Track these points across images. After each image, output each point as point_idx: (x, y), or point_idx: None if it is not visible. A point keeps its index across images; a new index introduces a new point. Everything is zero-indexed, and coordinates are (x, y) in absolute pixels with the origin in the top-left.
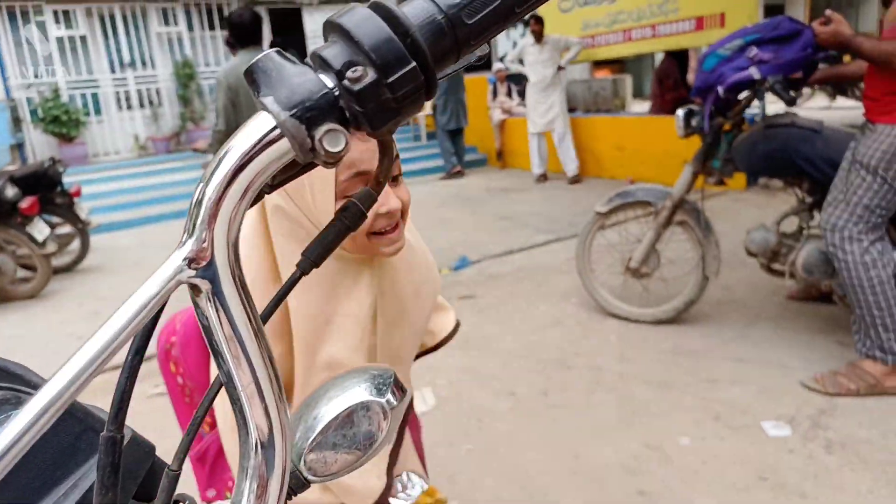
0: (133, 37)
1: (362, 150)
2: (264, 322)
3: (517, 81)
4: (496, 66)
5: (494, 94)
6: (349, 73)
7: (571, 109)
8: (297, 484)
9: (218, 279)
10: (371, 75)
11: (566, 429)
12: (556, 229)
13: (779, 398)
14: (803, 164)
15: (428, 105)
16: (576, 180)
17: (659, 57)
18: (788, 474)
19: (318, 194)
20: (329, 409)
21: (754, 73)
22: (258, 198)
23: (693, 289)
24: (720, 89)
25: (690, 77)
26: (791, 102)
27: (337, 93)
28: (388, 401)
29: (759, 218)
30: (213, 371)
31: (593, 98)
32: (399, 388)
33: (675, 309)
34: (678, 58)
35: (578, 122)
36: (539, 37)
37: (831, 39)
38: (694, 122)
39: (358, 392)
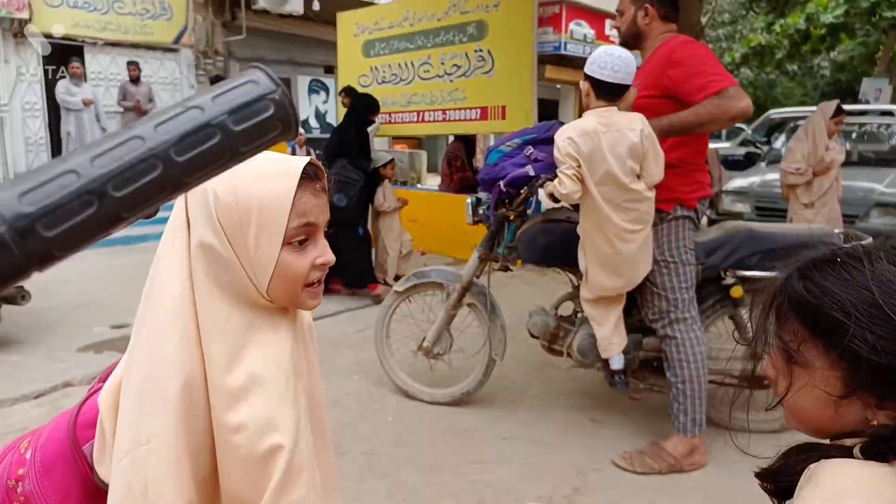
0: None
1: (314, 204)
2: None
3: (316, 146)
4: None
5: None
6: None
7: None
8: None
9: None
10: None
11: None
12: (346, 300)
13: (539, 477)
14: (572, 251)
15: None
16: None
17: (450, 138)
18: None
19: (264, 236)
20: None
21: (530, 170)
22: None
23: (481, 370)
24: (502, 184)
25: (478, 160)
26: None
27: None
28: None
29: (531, 294)
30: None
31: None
32: None
33: (467, 389)
34: (465, 141)
35: None
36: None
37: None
38: (481, 211)
39: None
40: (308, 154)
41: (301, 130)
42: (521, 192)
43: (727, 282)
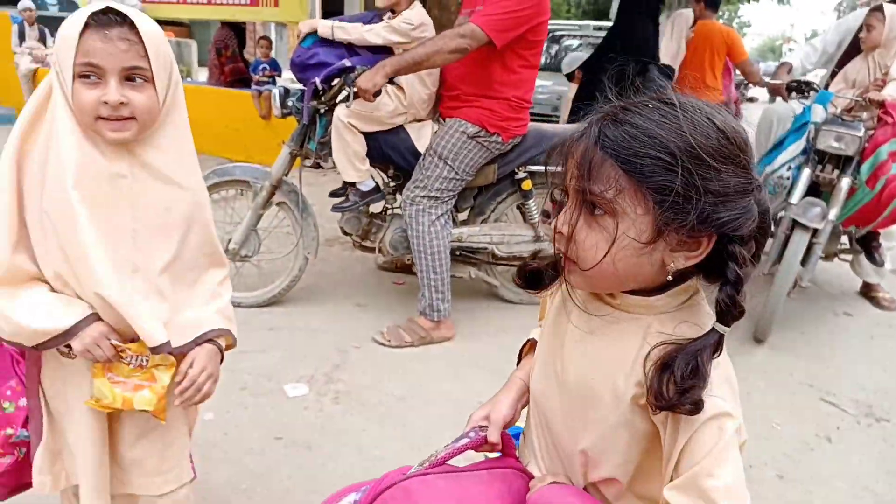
0: None
1: (101, 48)
2: None
3: (53, 25)
4: (23, 2)
5: (21, 37)
6: None
7: None
8: None
9: None
10: None
11: None
12: None
13: (302, 360)
14: (391, 152)
15: None
16: None
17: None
18: (301, 430)
19: (65, 67)
20: None
21: (346, 63)
22: None
23: (294, 269)
24: (318, 81)
25: (249, 51)
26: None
27: None
28: None
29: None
30: None
31: None
32: None
33: (279, 290)
34: (235, 29)
35: None
36: None
37: (372, 89)
38: (290, 103)
39: None
40: (41, 34)
41: (31, 5)
42: (334, 84)
43: (519, 176)
